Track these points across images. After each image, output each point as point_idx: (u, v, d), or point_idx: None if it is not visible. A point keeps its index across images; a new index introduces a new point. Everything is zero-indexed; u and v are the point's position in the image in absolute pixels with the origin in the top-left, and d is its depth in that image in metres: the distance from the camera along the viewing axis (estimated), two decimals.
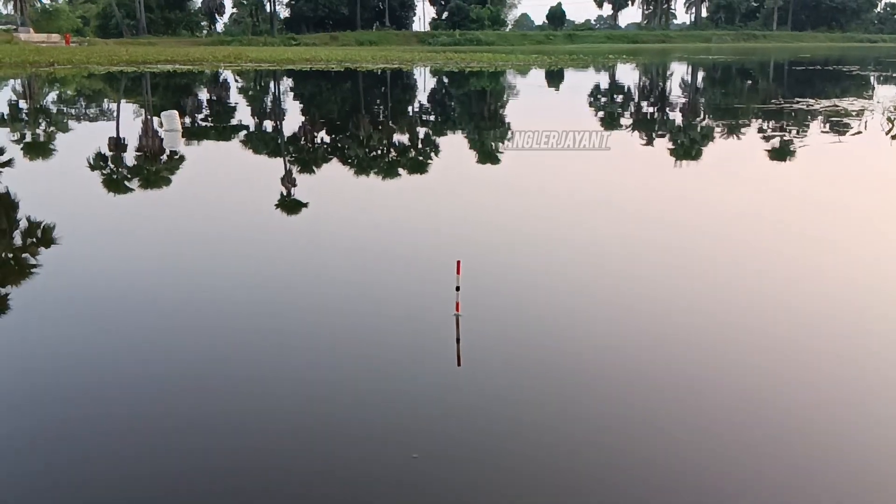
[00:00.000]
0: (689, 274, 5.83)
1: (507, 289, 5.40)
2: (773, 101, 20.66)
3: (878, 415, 3.64)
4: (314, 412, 3.66)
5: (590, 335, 4.56)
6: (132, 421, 3.64)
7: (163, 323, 4.96)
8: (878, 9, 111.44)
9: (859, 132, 13.84)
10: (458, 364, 4.07)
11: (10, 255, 6.75)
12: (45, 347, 4.62)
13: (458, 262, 4.54)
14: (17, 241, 7.16)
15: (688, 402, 3.77)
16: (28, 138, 15.07)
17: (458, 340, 4.32)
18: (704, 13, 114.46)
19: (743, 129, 15.24)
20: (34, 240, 7.04)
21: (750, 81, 33.05)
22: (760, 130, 14.98)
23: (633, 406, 3.66)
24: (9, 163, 11.60)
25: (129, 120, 18.17)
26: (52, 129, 16.61)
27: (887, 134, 13.51)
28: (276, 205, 8.55)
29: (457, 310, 4.53)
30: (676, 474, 3.15)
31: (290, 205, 8.66)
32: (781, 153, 12.17)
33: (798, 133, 14.33)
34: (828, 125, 15.12)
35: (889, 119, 15.05)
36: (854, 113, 16.53)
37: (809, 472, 3.19)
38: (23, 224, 7.58)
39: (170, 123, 13.87)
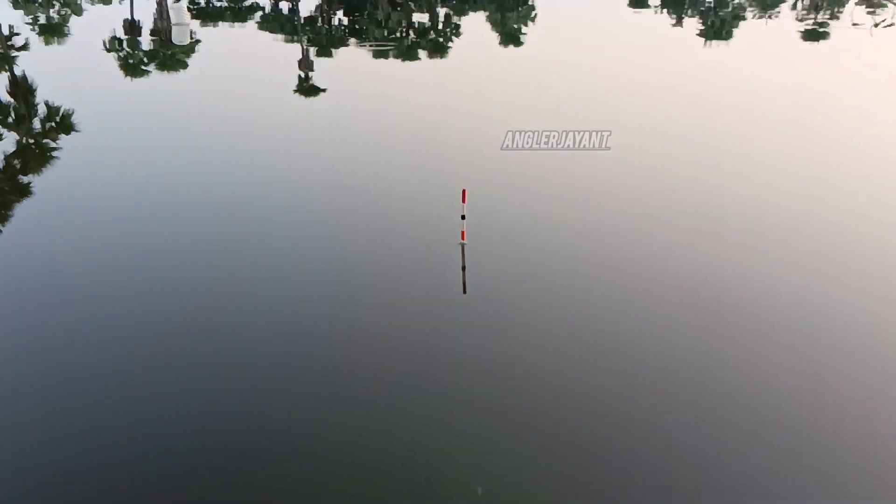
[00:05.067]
0: (691, 192, 5.56)
1: (513, 216, 5.13)
2: None
3: None
4: (321, 335, 3.64)
5: (595, 264, 4.38)
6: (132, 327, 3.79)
7: (175, 209, 5.06)
8: None
9: (892, 24, 13.25)
10: (464, 292, 4.06)
11: (31, 141, 6.79)
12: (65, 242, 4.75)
13: (464, 191, 4.40)
14: (37, 126, 7.19)
15: (692, 345, 3.57)
16: (42, 20, 14.83)
17: (463, 269, 4.27)
18: None
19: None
20: (54, 124, 7.06)
21: None
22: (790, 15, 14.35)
23: (636, 335, 3.57)
24: (25, 46, 11.49)
25: (144, 1, 17.72)
26: (65, 11, 16.30)
27: None
28: (294, 90, 8.47)
29: (462, 238, 4.45)
30: (676, 423, 3.09)
31: (306, 90, 8.57)
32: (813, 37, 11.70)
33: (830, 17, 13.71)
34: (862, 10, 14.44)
35: None
36: (887, 3, 15.76)
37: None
38: (41, 109, 7.59)
39: (178, 17, 13.13)
